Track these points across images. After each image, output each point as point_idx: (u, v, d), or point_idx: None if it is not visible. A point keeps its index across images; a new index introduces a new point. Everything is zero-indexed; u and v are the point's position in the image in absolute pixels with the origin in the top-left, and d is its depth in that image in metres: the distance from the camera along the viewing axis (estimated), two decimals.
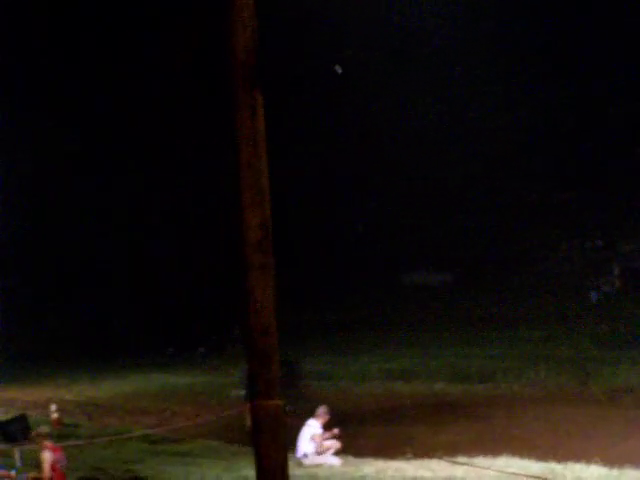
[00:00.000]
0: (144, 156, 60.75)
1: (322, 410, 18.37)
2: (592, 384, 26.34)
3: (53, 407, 25.14)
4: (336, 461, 17.64)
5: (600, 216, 57.78)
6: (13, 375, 38.86)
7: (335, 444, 18.14)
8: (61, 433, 22.09)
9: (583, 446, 17.75)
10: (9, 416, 24.82)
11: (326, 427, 18.16)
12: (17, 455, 18.08)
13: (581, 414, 22.04)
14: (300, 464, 17.22)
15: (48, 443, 14.67)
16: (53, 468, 14.36)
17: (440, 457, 16.17)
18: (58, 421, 24.35)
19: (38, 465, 14.50)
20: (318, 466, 17.25)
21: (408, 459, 16.81)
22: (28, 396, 33.65)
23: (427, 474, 15.03)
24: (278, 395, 6.54)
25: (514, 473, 14.00)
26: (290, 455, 15.92)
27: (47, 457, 14.38)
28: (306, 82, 60.41)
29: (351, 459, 17.64)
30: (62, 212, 58.15)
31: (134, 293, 55.17)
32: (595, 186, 58.61)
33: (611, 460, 15.67)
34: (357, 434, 20.81)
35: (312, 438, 17.89)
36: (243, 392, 33.57)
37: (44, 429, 15.36)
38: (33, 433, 15.90)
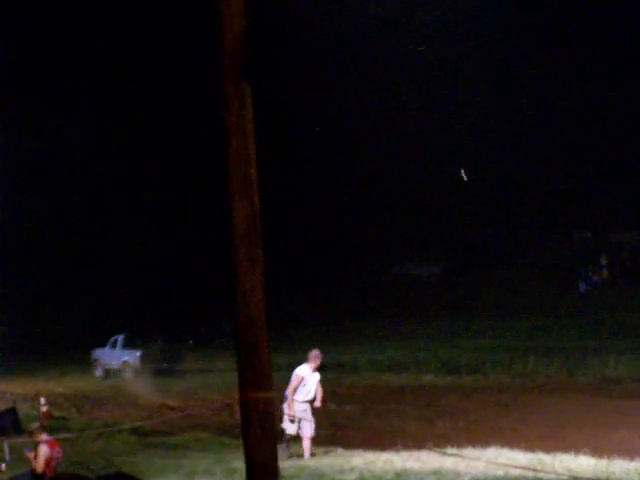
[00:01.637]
0: (132, 149, 60.60)
1: (314, 353, 17.46)
2: (581, 374, 26.42)
3: (42, 400, 25.06)
4: (290, 427, 17.15)
5: (589, 208, 57.92)
6: (2, 367, 38.73)
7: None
8: (51, 426, 22.03)
9: (572, 436, 17.78)
10: None
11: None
12: (6, 448, 18.04)
13: (570, 405, 22.09)
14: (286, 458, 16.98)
15: (45, 437, 14.73)
16: (47, 463, 14.41)
17: (430, 448, 16.18)
18: (47, 414, 24.28)
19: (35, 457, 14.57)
20: (299, 457, 17.03)
21: (398, 451, 16.81)
22: (17, 389, 33.54)
23: (416, 465, 15.02)
24: (267, 387, 6.53)
25: (503, 464, 14.02)
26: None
27: (44, 451, 14.45)
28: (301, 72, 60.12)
29: (340, 451, 17.62)
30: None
31: (123, 286, 55.07)
32: (584, 178, 58.70)
33: (600, 450, 15.70)
34: (346, 426, 20.80)
35: (295, 376, 17.18)
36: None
37: (35, 425, 15.48)
38: (28, 431, 15.93)
